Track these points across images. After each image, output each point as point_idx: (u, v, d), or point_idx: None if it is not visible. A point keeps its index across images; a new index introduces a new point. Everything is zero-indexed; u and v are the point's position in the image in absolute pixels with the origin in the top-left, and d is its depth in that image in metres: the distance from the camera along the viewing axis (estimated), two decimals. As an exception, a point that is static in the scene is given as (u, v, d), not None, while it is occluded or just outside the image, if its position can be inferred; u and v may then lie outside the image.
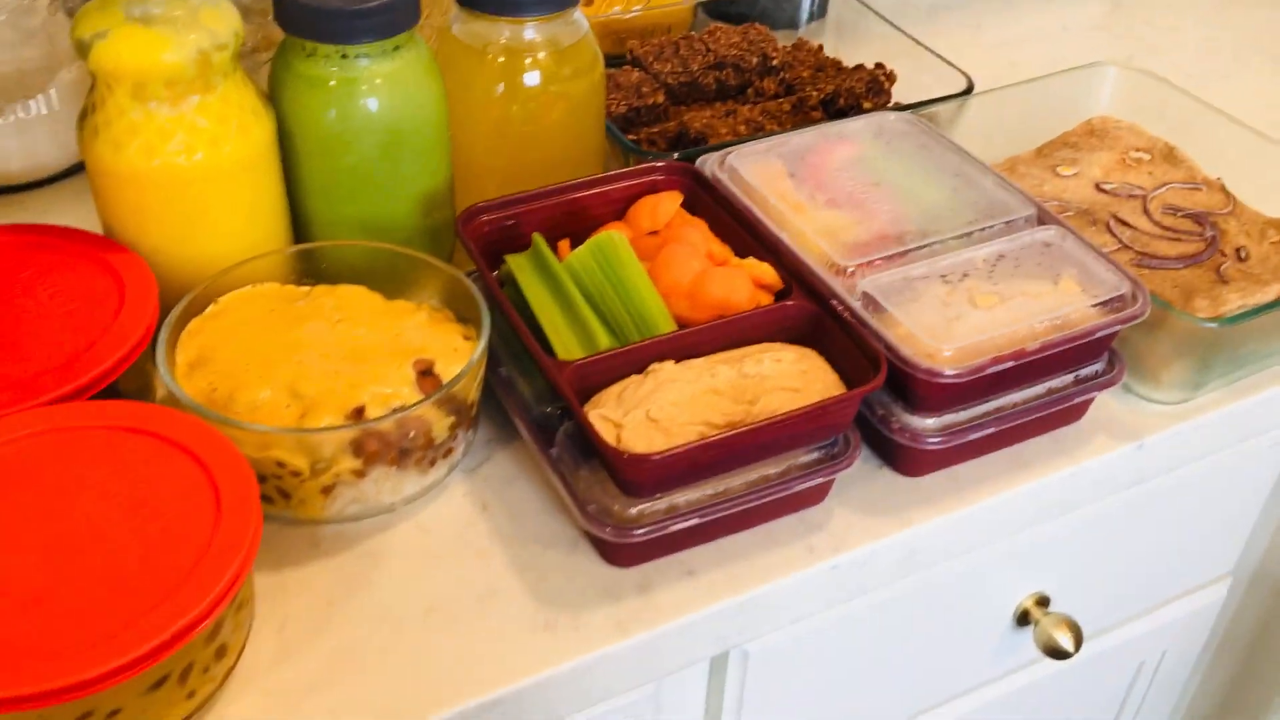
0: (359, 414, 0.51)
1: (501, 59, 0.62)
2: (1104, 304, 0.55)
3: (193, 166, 0.55)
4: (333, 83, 0.57)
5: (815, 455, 0.53)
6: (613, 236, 0.57)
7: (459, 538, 0.53)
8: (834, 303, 0.55)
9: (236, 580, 0.43)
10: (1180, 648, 0.84)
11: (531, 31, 0.62)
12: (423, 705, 0.46)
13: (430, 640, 0.48)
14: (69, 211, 0.70)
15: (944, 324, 0.54)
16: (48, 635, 0.40)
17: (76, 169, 0.74)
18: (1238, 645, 0.93)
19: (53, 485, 0.45)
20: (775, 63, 0.79)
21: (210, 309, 0.56)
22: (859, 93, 0.75)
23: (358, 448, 0.50)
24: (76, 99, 0.71)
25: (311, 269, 0.59)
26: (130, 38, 0.52)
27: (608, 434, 0.50)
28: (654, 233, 0.61)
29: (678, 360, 0.54)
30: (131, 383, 0.54)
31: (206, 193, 0.56)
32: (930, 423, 0.54)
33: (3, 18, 0.68)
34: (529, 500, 0.55)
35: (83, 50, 0.53)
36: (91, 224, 0.59)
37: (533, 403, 0.55)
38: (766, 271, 0.57)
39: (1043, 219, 0.60)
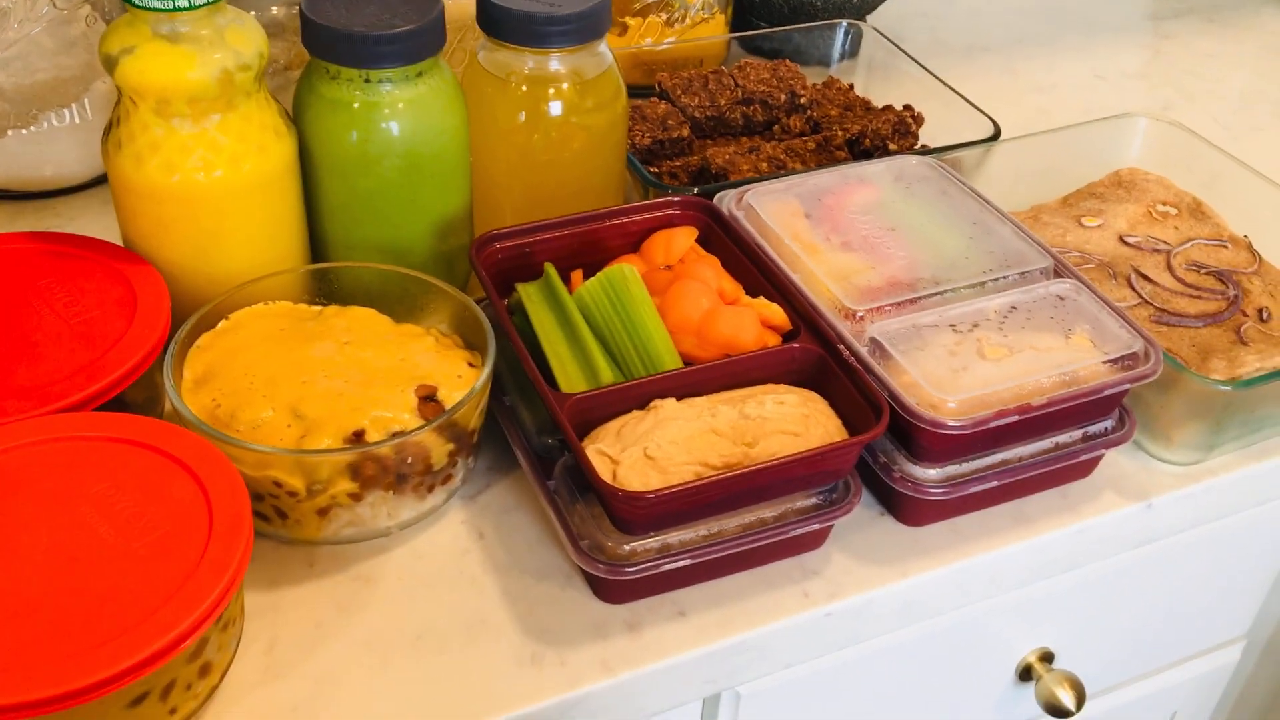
0: (358, 437, 0.51)
1: (525, 88, 0.62)
2: (1115, 361, 0.55)
3: (212, 183, 0.55)
4: (355, 105, 0.57)
5: (814, 500, 0.52)
6: (624, 269, 0.57)
7: (453, 565, 0.53)
8: (840, 347, 0.54)
9: (222, 600, 0.43)
10: (1190, 711, 0.82)
11: (556, 62, 0.62)
12: (404, 733, 0.46)
13: (417, 668, 0.48)
14: (95, 220, 0.71)
15: (950, 374, 0.53)
16: (29, 646, 0.40)
17: (103, 178, 0.75)
18: (1251, 710, 0.91)
19: (49, 494, 0.46)
20: (803, 100, 0.79)
21: (222, 325, 0.56)
22: (885, 134, 0.75)
23: (355, 471, 0.50)
24: (108, 110, 0.72)
25: (325, 289, 0.60)
26: (156, 55, 0.53)
27: (604, 469, 0.50)
28: (667, 267, 0.61)
29: (680, 398, 0.53)
30: (140, 394, 0.55)
31: (224, 210, 0.56)
32: (933, 473, 0.54)
33: (40, 27, 0.69)
34: (525, 531, 0.55)
35: (109, 65, 0.54)
36: (113, 234, 0.60)
37: (534, 433, 0.55)
38: (775, 312, 0.57)
39: (1059, 271, 0.60)
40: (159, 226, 0.57)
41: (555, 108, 0.63)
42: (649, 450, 0.51)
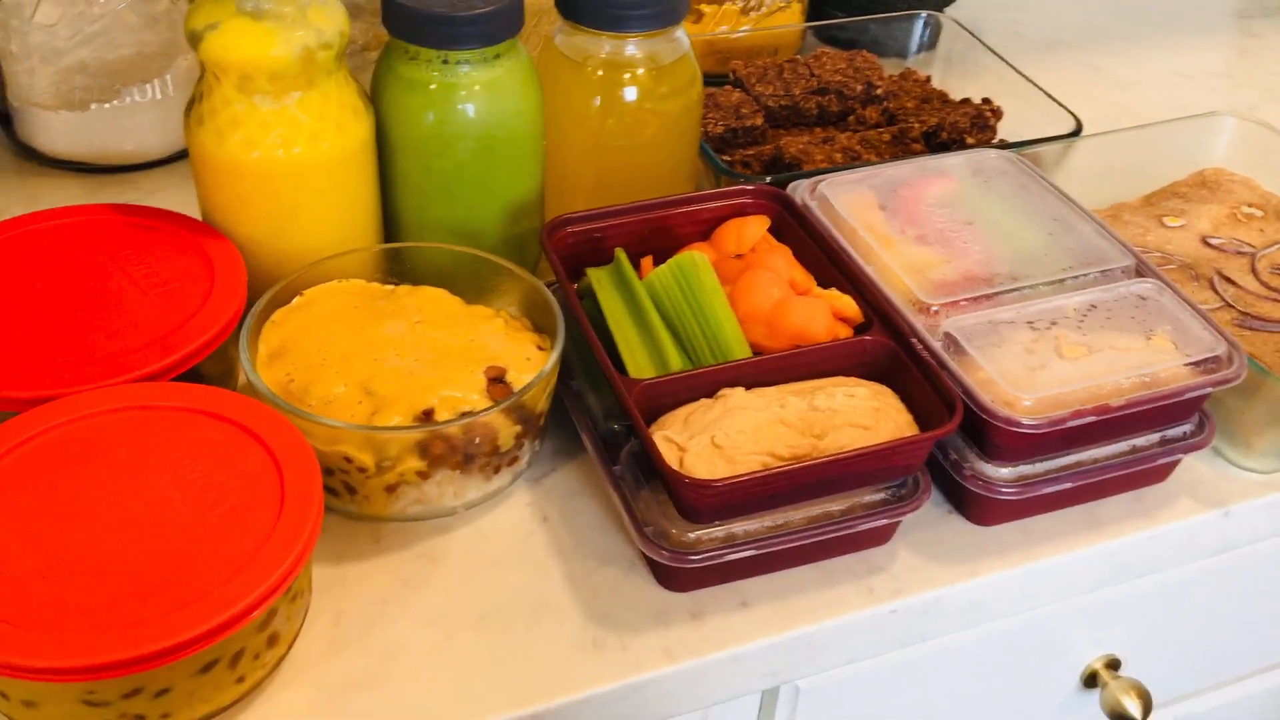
0: (428, 416, 0.51)
1: (600, 73, 0.62)
2: (1197, 364, 0.53)
3: (291, 160, 0.56)
4: (433, 86, 0.58)
5: (882, 495, 0.52)
6: (695, 257, 0.57)
7: (517, 547, 0.53)
8: (914, 341, 0.54)
9: (292, 571, 0.43)
10: (1259, 725, 0.81)
11: (632, 47, 0.62)
12: (466, 713, 0.46)
13: (480, 647, 0.49)
14: (173, 195, 0.72)
15: (1026, 372, 0.52)
16: (104, 609, 0.41)
17: (181, 154, 0.76)
18: (1322, 728, 0.88)
19: (127, 461, 0.47)
20: (879, 91, 0.78)
21: (296, 300, 0.57)
22: (963, 127, 0.73)
23: (423, 449, 0.51)
24: (188, 86, 0.73)
25: (397, 268, 0.60)
26: (240, 31, 0.54)
27: (671, 456, 0.50)
28: (738, 256, 0.60)
29: (749, 387, 0.53)
30: (215, 367, 0.56)
31: (302, 187, 0.57)
32: (1005, 472, 0.53)
33: (125, 4, 0.70)
34: (589, 515, 0.55)
35: (194, 40, 0.55)
36: (191, 208, 0.61)
37: (601, 418, 0.55)
38: (847, 304, 0.57)
39: (1141, 271, 0.58)
40: (237, 202, 0.57)
41: (630, 93, 0.63)
42: (717, 439, 0.50)
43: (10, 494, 0.45)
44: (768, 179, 0.66)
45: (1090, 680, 0.66)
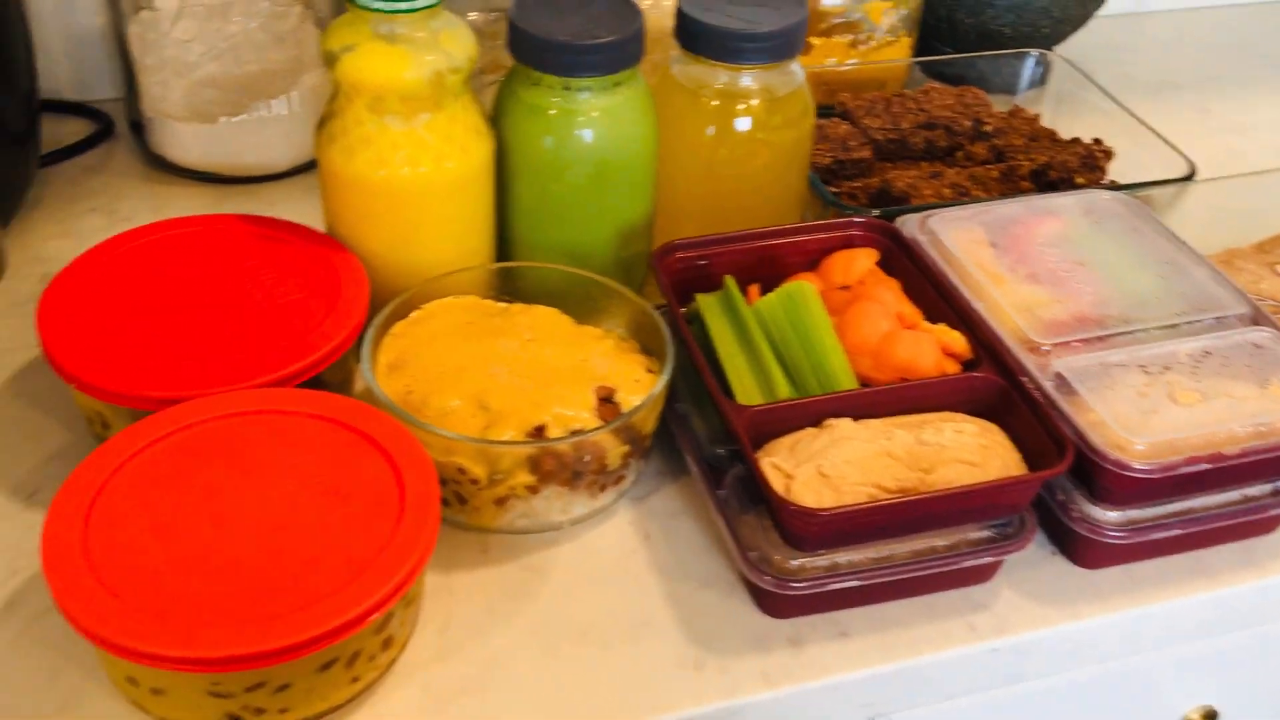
0: (540, 432, 0.52)
1: (715, 102, 0.63)
2: (1315, 416, 0.52)
3: (416, 179, 0.58)
4: (553, 111, 0.59)
5: (987, 533, 0.52)
6: (804, 287, 0.57)
7: (620, 564, 0.54)
8: (1024, 380, 0.54)
9: (411, 576, 0.45)
10: (1359, 790, 0.78)
11: (748, 79, 0.63)
12: (567, 724, 0.47)
13: (582, 661, 0.50)
14: (295, 206, 0.74)
15: (1139, 416, 0.52)
16: (232, 604, 0.43)
17: (303, 168, 0.78)
18: None
19: (254, 462, 0.48)
20: (988, 128, 0.78)
21: (414, 314, 0.59)
22: (1073, 167, 0.73)
23: (534, 464, 0.52)
24: (315, 103, 0.76)
25: (510, 287, 0.62)
26: (375, 54, 0.56)
27: (778, 483, 0.50)
28: (845, 288, 0.61)
29: (855, 418, 0.53)
30: (336, 375, 0.58)
31: (425, 205, 0.59)
32: (1113, 516, 0.52)
33: (257, 23, 0.73)
34: (691, 537, 0.55)
35: (330, 60, 0.57)
36: (311, 219, 0.63)
37: (705, 442, 0.56)
38: (956, 340, 0.57)
39: (1257, 319, 0.58)
40: (363, 217, 0.59)
41: (743, 123, 0.63)
42: (823, 468, 0.51)
43: (143, 489, 0.47)
44: (875, 212, 0.66)
45: (1187, 731, 0.65)
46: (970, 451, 0.52)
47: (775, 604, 0.51)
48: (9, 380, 0.61)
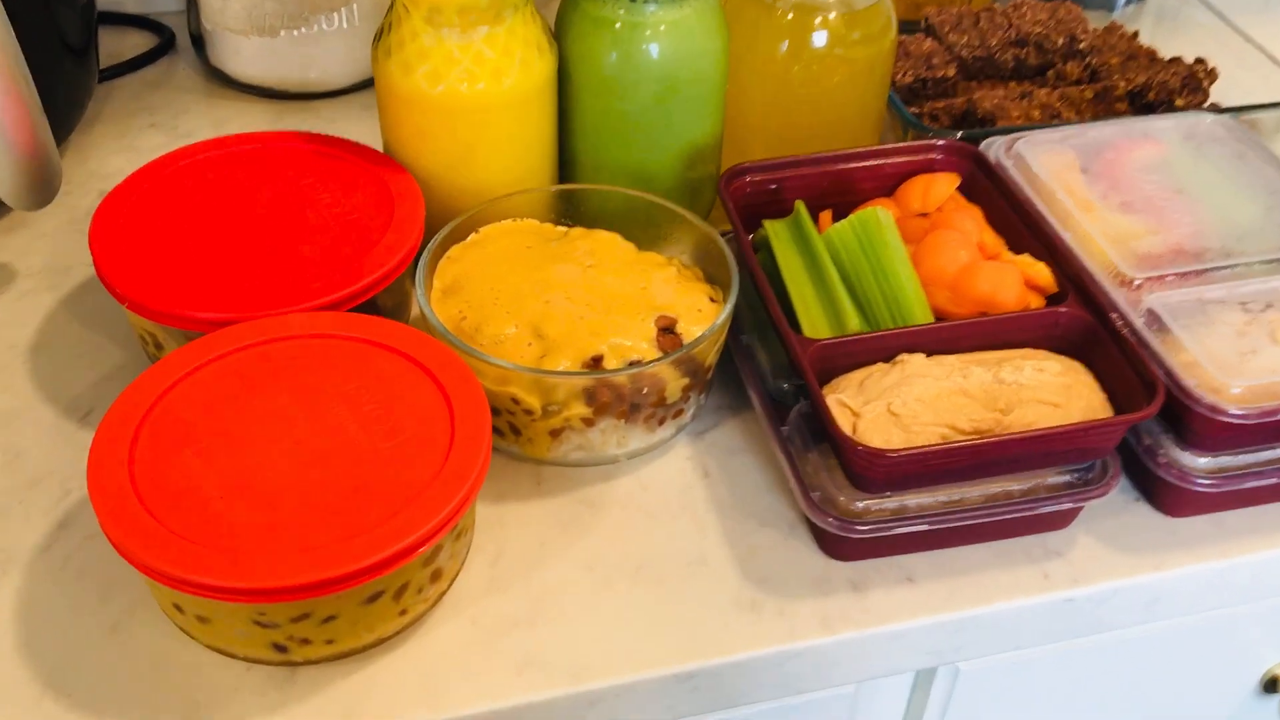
0: (596, 363, 0.50)
1: (790, 15, 0.60)
2: None
3: (474, 95, 0.55)
4: (618, 25, 0.56)
5: (1066, 478, 0.49)
6: (878, 214, 0.54)
7: (677, 500, 0.52)
8: (1113, 316, 0.50)
9: (460, 509, 0.43)
10: None
11: (825, -10, 0.59)
12: (618, 663, 0.46)
13: (635, 598, 0.48)
14: (354, 124, 0.73)
15: (1237, 357, 0.49)
16: (278, 533, 0.42)
17: (362, 85, 0.76)
18: None
19: (304, 388, 0.47)
20: (1083, 46, 0.73)
21: (472, 237, 0.57)
22: (1173, 88, 0.68)
23: (590, 396, 0.50)
24: (374, 18, 0.74)
25: (571, 210, 0.59)
26: (431, -38, 0.53)
27: (844, 422, 0.48)
28: (924, 215, 0.58)
29: (929, 354, 0.51)
30: (390, 299, 0.56)
31: (483, 122, 0.56)
32: (1203, 462, 0.49)
33: (318, -68, 0.71)
34: (751, 474, 0.53)
35: (386, -29, 0.55)
36: (369, 138, 0.61)
37: (770, 376, 0.54)
38: (1041, 272, 0.53)
39: (1372, 254, 0.53)
40: (419, 135, 0.57)
41: (819, 38, 0.60)
42: (893, 406, 0.48)
43: (191, 415, 0.46)
44: (959, 134, 0.63)
45: (1270, 685, 0.62)
46: (1052, 391, 0.49)
47: (838, 546, 0.49)
48: (67, 297, 0.61)
